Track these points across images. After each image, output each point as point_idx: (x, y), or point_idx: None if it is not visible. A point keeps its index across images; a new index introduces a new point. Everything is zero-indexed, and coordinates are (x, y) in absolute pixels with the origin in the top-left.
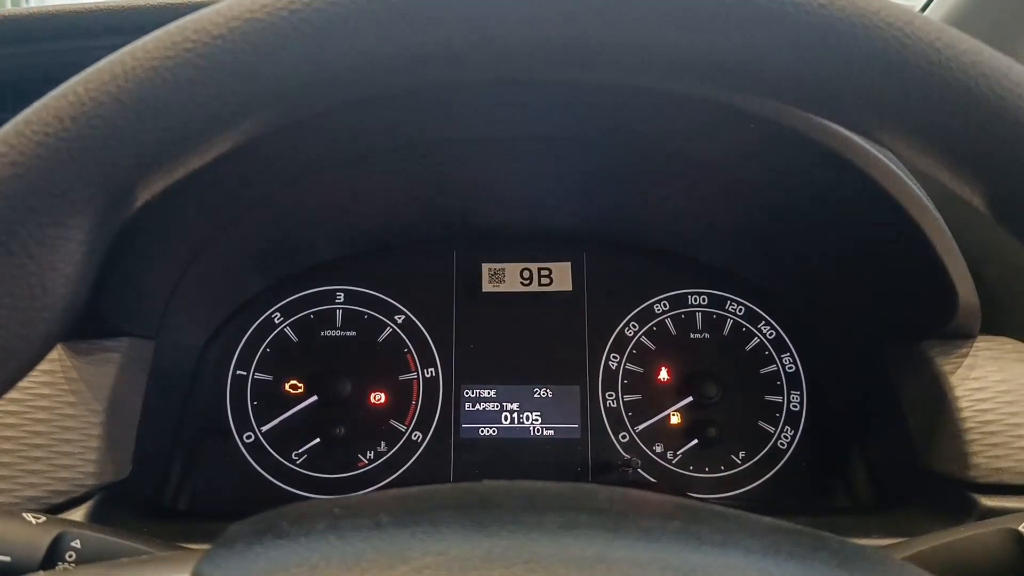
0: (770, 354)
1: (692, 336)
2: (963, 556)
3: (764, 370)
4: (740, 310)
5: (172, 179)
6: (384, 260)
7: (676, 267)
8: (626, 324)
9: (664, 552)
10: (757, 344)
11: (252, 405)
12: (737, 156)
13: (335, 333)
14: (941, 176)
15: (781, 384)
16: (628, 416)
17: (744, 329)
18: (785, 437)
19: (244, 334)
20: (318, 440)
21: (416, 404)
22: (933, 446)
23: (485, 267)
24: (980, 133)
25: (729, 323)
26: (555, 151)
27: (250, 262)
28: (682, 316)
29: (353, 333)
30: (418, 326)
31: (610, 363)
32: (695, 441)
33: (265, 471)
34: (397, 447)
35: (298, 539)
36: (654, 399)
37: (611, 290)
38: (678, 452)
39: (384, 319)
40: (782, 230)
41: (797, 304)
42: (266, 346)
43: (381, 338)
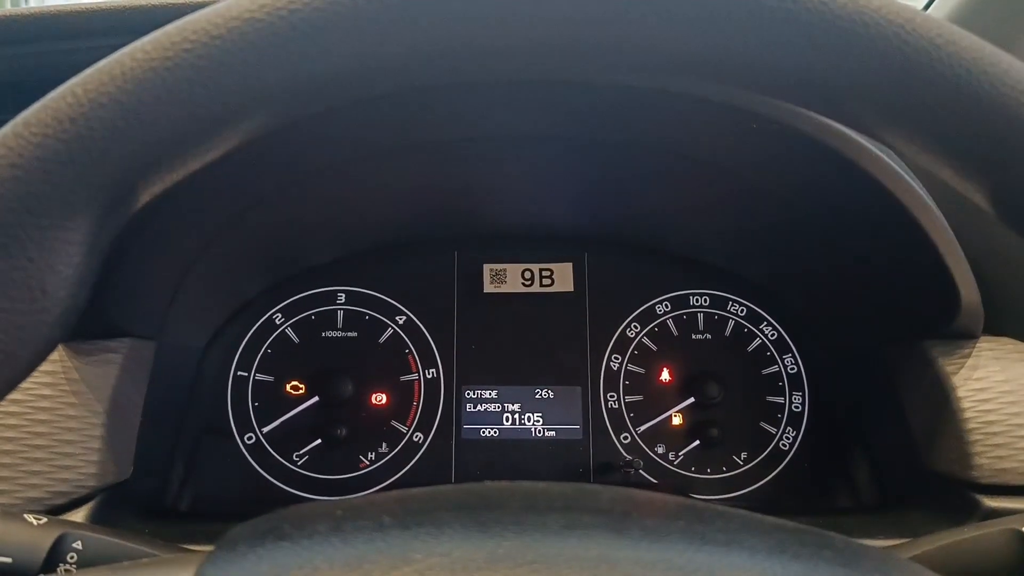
0: (772, 355)
1: (694, 337)
2: (966, 557)
3: (766, 371)
4: (742, 311)
5: (172, 180)
6: (385, 261)
7: (678, 268)
8: (628, 325)
9: (668, 552)
10: (759, 345)
11: (253, 406)
12: (738, 156)
13: (336, 334)
14: (943, 174)
15: (783, 385)
16: (630, 417)
17: (746, 330)
18: (787, 438)
19: (245, 335)
20: (319, 441)
21: (417, 405)
22: (936, 447)
23: (486, 268)
24: (981, 130)
25: (731, 324)
26: (557, 152)
27: (251, 263)
28: (684, 317)
29: (354, 334)
30: (419, 327)
31: (612, 364)
32: (697, 442)
33: (266, 472)
34: (398, 448)
35: (301, 541)
36: (656, 400)
37: (613, 291)
38: (680, 453)
39: (385, 320)
40: (783, 230)
41: (799, 305)
42: (267, 347)
43: (382, 339)
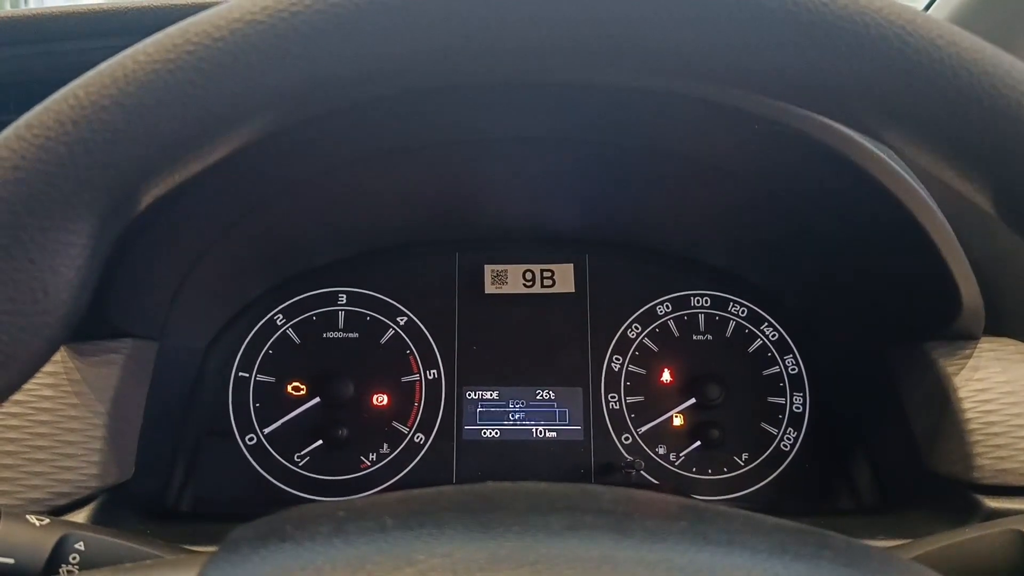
0: (773, 356)
1: (695, 338)
2: (967, 557)
3: (767, 372)
4: (743, 311)
5: (174, 182)
6: (386, 262)
7: (679, 269)
8: (629, 326)
9: (670, 552)
10: (760, 346)
11: (254, 407)
12: (739, 158)
13: (337, 335)
14: (945, 175)
15: (784, 386)
16: (631, 418)
17: (747, 331)
18: (788, 439)
19: (247, 336)
20: (320, 442)
21: (418, 406)
22: (937, 447)
23: (487, 269)
24: (983, 131)
25: (732, 325)
26: (558, 153)
27: (253, 264)
28: (685, 318)
29: (355, 335)
30: (420, 328)
31: (613, 365)
32: (698, 443)
33: (267, 473)
34: (399, 449)
35: (303, 542)
36: (657, 401)
37: (613, 292)
38: (681, 454)
39: (386, 321)
40: (784, 231)
41: (800, 305)
42: (268, 348)
43: (383, 340)
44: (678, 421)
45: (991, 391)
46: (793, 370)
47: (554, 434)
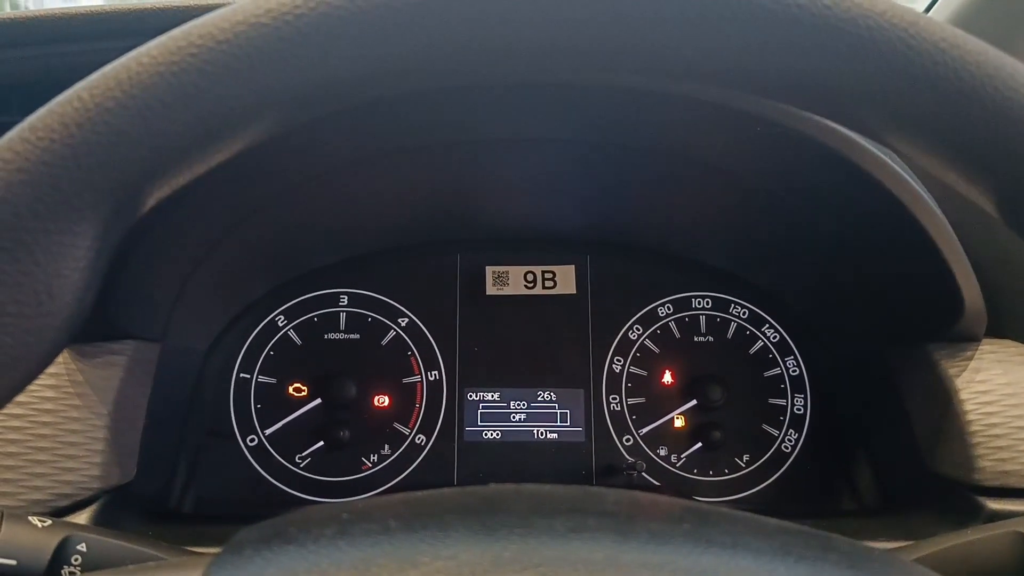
0: (774, 357)
1: (696, 339)
2: (969, 559)
3: (768, 373)
4: (744, 313)
5: (178, 184)
6: (388, 263)
7: (680, 270)
8: (630, 327)
9: (674, 555)
10: (761, 347)
11: (256, 408)
12: (741, 159)
13: (339, 336)
14: (947, 177)
15: (785, 387)
16: (632, 419)
17: (748, 332)
18: (789, 440)
19: (248, 337)
20: (322, 443)
21: (420, 407)
22: (938, 449)
23: (489, 270)
24: (986, 134)
25: (733, 326)
26: (560, 155)
27: (254, 265)
28: (686, 319)
29: (357, 336)
30: (422, 329)
31: (614, 366)
32: (699, 444)
33: (269, 474)
34: (401, 450)
35: (307, 544)
36: (658, 402)
37: (615, 293)
38: (682, 455)
39: (388, 322)
40: (786, 233)
41: (801, 307)
42: (270, 349)
43: (385, 341)
44: (679, 423)
45: (993, 393)
46: (794, 371)
47: (555, 436)
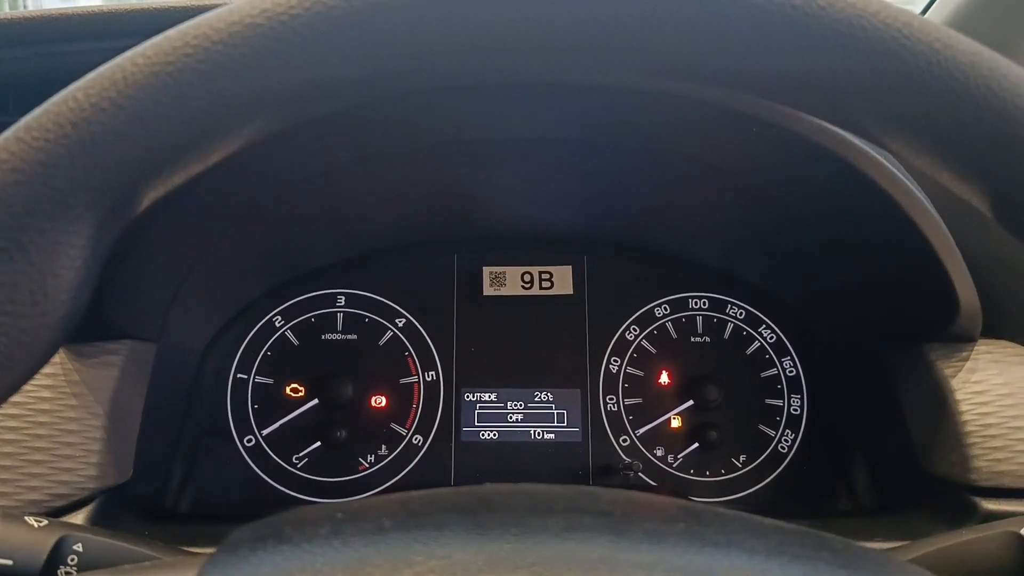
0: (771, 358)
1: (693, 340)
2: (964, 559)
3: (765, 374)
4: (741, 314)
5: (174, 184)
6: (385, 263)
7: (677, 271)
8: (627, 328)
9: (668, 554)
10: (758, 348)
11: (253, 408)
12: (737, 160)
13: (336, 336)
14: (942, 178)
15: (782, 388)
16: (629, 420)
17: (745, 333)
18: (786, 441)
19: (245, 337)
20: (319, 443)
21: (417, 407)
22: (934, 449)
23: (486, 271)
24: (980, 134)
25: (730, 327)
26: (557, 155)
27: (251, 266)
28: (683, 320)
29: (354, 336)
30: (419, 329)
31: (611, 367)
32: (696, 445)
33: (266, 474)
34: (398, 450)
35: (302, 544)
36: (655, 403)
37: (612, 294)
38: (679, 456)
39: (385, 322)
40: (782, 234)
41: (798, 308)
42: (267, 349)
43: (382, 341)
44: (676, 423)
45: (988, 393)
46: (791, 372)
47: (552, 436)
